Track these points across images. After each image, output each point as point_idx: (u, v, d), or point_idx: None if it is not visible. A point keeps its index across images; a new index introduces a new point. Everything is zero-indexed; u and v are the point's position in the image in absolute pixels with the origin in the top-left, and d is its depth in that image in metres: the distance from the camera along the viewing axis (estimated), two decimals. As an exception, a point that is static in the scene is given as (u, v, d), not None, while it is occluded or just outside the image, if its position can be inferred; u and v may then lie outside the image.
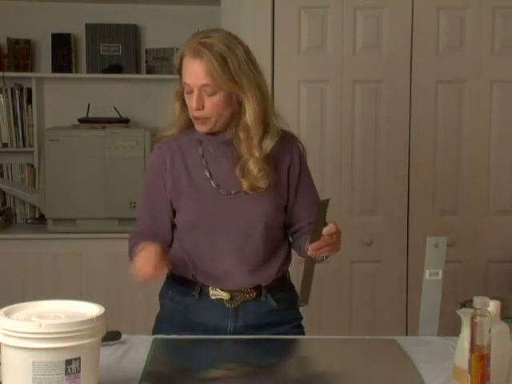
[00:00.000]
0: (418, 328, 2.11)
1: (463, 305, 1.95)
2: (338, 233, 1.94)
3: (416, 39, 3.41)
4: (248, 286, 2.11)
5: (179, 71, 2.07)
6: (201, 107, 2.00)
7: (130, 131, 3.85)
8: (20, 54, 4.06)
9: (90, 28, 4.05)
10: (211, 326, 2.10)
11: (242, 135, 2.05)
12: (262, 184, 2.05)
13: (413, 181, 3.46)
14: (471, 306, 1.54)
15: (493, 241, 3.50)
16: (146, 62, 4.14)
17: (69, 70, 4.07)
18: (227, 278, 2.10)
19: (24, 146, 4.03)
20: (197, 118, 2.04)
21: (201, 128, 2.06)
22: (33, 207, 4.05)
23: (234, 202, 2.08)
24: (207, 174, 2.09)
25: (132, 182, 3.72)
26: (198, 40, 2.01)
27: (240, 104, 2.04)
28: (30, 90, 4.01)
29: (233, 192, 2.08)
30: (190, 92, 2.01)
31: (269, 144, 2.06)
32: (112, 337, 1.92)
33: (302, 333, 2.21)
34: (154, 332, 2.19)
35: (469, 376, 1.53)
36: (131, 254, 2.14)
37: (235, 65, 1.99)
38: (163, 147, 2.14)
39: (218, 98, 2.00)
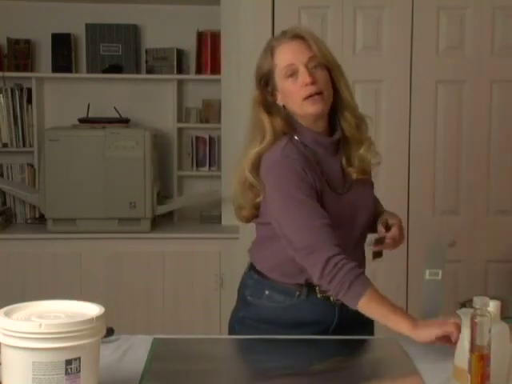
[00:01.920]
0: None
1: (463, 305, 1.95)
2: (401, 234, 2.06)
3: (416, 39, 3.41)
4: None
5: (262, 76, 2.01)
6: (314, 80, 1.95)
7: (130, 131, 3.85)
8: (20, 54, 4.06)
9: (90, 28, 4.05)
10: (314, 323, 2.04)
11: (347, 114, 2.03)
12: (373, 166, 2.10)
13: (413, 181, 3.46)
14: (471, 306, 1.54)
15: (493, 241, 3.50)
16: (146, 61, 4.14)
17: (69, 70, 4.07)
18: None
19: (24, 146, 4.04)
20: (310, 96, 1.96)
21: (316, 108, 1.97)
22: (33, 207, 4.05)
23: (348, 201, 2.04)
24: (324, 175, 2.01)
25: (132, 182, 3.73)
26: (285, 32, 2.01)
27: (336, 81, 2.03)
28: (30, 90, 4.02)
29: (344, 191, 2.05)
30: (293, 74, 1.96)
31: (365, 129, 2.08)
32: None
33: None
34: (235, 328, 2.12)
35: (469, 376, 1.53)
36: (350, 292, 1.86)
37: (326, 44, 2.04)
38: (289, 154, 1.96)
39: (324, 72, 1.99)
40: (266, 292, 2.08)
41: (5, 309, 1.52)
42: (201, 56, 4.09)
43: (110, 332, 1.91)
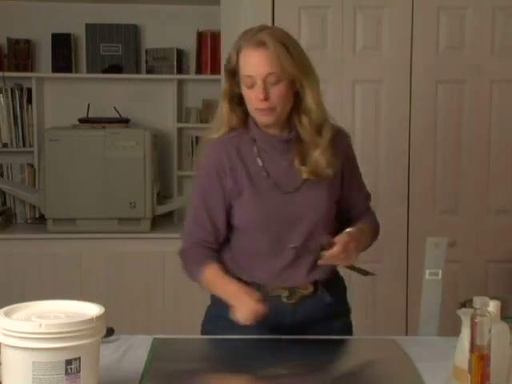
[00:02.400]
0: (418, 328, 2.11)
1: (463, 305, 1.95)
2: (343, 251, 1.95)
3: (416, 39, 3.41)
4: (305, 284, 2.08)
5: (233, 67, 2.02)
6: (267, 97, 1.97)
7: (130, 131, 3.85)
8: (20, 54, 4.06)
9: (90, 28, 4.06)
10: (267, 322, 2.04)
11: (305, 120, 2.03)
12: (329, 172, 2.05)
13: (413, 181, 3.46)
14: (471, 306, 1.54)
15: (493, 241, 3.50)
16: (146, 62, 4.14)
17: (69, 70, 4.07)
18: (285, 276, 2.07)
19: (24, 146, 4.04)
20: (262, 110, 2.00)
21: (266, 119, 2.02)
22: (33, 207, 4.05)
23: (293, 200, 2.06)
24: (264, 172, 2.06)
25: (132, 182, 3.73)
26: (256, 31, 1.99)
27: (296, 94, 2.03)
28: (30, 90, 4.02)
29: (291, 190, 2.06)
30: (252, 85, 1.97)
31: (327, 132, 2.05)
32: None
33: (351, 329, 2.19)
34: (204, 327, 2.17)
35: (469, 376, 1.53)
36: (193, 272, 2.09)
37: (295, 50, 2.00)
38: (218, 146, 2.08)
39: (282, 87, 1.98)
40: None
41: (5, 309, 1.52)
42: (201, 56, 4.09)
43: (110, 332, 1.92)
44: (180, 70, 4.13)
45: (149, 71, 4.14)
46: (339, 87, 3.43)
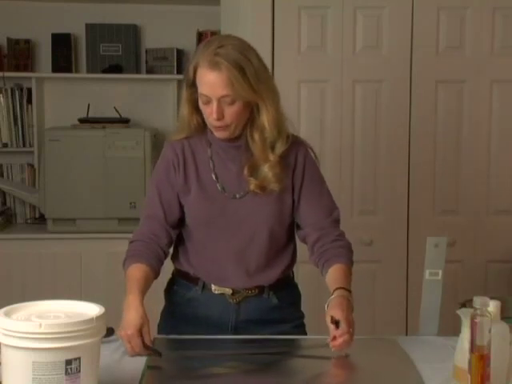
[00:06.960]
0: (418, 328, 2.11)
1: (463, 305, 1.95)
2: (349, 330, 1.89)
3: (416, 39, 3.41)
4: (248, 287, 2.12)
5: (191, 79, 2.03)
6: (221, 117, 1.99)
7: (130, 131, 3.85)
8: (20, 54, 4.06)
9: (90, 28, 4.06)
10: (213, 320, 2.12)
11: (256, 136, 2.05)
12: (275, 187, 2.07)
13: (413, 181, 3.46)
14: (471, 306, 1.54)
15: (493, 241, 3.50)
16: (146, 62, 4.14)
17: (69, 70, 4.07)
18: (226, 278, 2.12)
19: (24, 146, 4.04)
20: (216, 127, 2.03)
21: (221, 135, 2.05)
22: (33, 207, 4.05)
23: (239, 206, 2.09)
24: (213, 176, 2.10)
25: (132, 181, 3.73)
26: (213, 50, 1.96)
27: (255, 106, 2.04)
28: (30, 90, 4.02)
29: (238, 196, 2.09)
30: (208, 102, 1.99)
31: (280, 148, 2.06)
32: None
33: (304, 332, 2.21)
34: (159, 327, 2.23)
35: (469, 376, 1.53)
36: (125, 264, 2.11)
37: (252, 72, 1.98)
38: (175, 144, 2.14)
39: (237, 106, 1.99)
40: (174, 287, 2.25)
41: (5, 309, 1.52)
42: (201, 56, 4.09)
43: (110, 332, 1.92)
44: (180, 70, 4.13)
45: (149, 71, 4.14)
46: (339, 87, 3.43)
